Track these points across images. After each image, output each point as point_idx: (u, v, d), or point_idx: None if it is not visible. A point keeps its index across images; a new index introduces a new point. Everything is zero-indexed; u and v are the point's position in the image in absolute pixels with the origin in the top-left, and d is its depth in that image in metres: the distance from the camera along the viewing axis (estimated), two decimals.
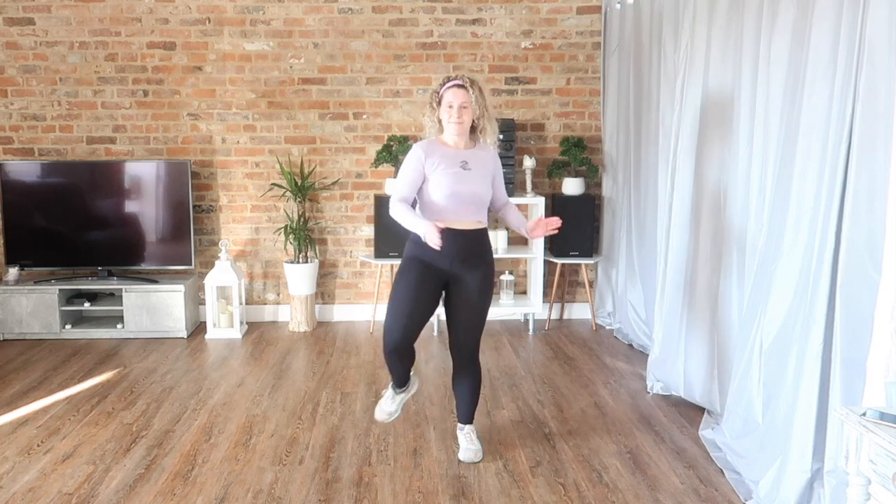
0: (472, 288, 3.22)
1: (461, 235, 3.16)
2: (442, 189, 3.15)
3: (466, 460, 3.32)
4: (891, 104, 2.39)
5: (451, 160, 3.19)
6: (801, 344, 2.80)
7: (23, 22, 5.34)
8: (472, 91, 3.15)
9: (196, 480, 3.15)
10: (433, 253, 3.08)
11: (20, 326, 5.18)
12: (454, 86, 3.17)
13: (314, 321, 5.56)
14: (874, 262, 2.45)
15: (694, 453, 3.41)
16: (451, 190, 3.15)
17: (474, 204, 3.21)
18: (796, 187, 2.85)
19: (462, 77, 3.19)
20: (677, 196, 3.91)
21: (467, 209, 3.19)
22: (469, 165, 3.20)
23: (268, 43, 5.45)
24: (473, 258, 3.21)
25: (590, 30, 5.58)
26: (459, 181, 3.16)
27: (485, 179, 3.24)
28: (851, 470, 2.13)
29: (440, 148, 3.22)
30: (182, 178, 5.29)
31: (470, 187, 3.18)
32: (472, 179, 3.19)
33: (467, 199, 3.18)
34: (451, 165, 3.17)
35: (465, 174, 3.18)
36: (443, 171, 3.16)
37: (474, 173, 3.21)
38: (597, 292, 5.80)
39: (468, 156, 3.23)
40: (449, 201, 3.16)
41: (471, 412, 3.41)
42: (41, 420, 3.79)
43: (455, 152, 3.22)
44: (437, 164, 3.16)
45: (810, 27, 2.79)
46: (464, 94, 3.15)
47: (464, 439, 3.40)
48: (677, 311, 3.95)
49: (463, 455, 3.34)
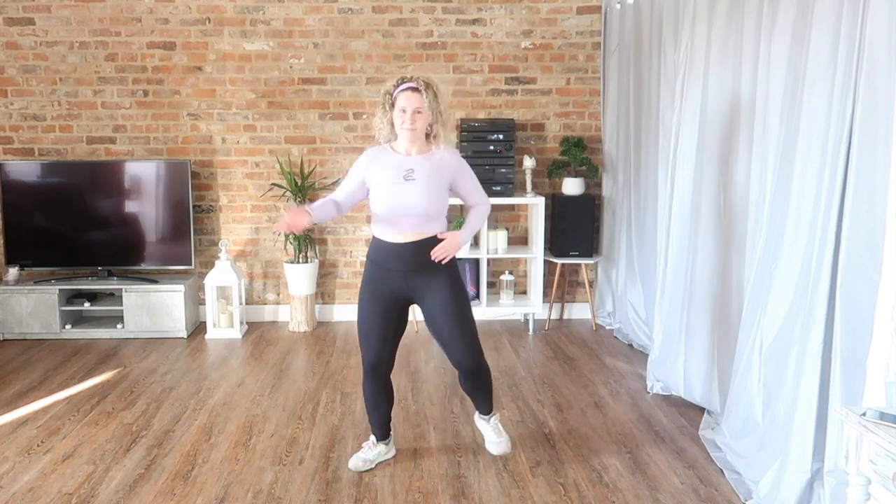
0: (441, 297, 3.06)
1: (404, 248, 3.03)
2: (380, 203, 3.03)
3: (498, 453, 3.25)
4: (891, 104, 2.39)
5: (396, 170, 3.02)
6: (801, 344, 2.80)
7: (23, 22, 5.34)
8: (426, 95, 2.96)
9: (196, 480, 3.15)
10: (382, 272, 3.07)
11: (20, 326, 5.18)
12: (408, 88, 2.97)
13: (314, 321, 5.56)
14: (874, 262, 2.45)
15: (694, 453, 3.41)
16: (390, 204, 3.00)
17: (416, 217, 3.01)
18: (796, 187, 2.85)
19: (416, 79, 2.99)
20: (677, 196, 3.91)
21: (408, 222, 3.01)
22: (414, 175, 3.00)
23: (268, 43, 5.45)
24: (426, 269, 3.05)
25: (590, 30, 5.58)
26: (399, 194, 2.99)
27: (432, 190, 3.01)
28: (851, 470, 2.13)
29: (388, 156, 3.07)
30: (182, 178, 5.29)
31: (411, 199, 2.99)
32: (414, 191, 2.99)
33: (407, 212, 3.00)
34: (393, 176, 3.01)
35: (406, 186, 2.99)
36: (383, 184, 3.02)
37: (419, 184, 3.00)
38: (597, 292, 5.80)
39: (417, 163, 3.03)
40: (388, 215, 3.02)
41: (489, 402, 3.28)
42: (41, 420, 3.79)
43: (402, 160, 3.04)
44: (379, 175, 3.03)
45: (810, 27, 2.79)
46: (418, 99, 2.95)
47: (490, 431, 3.28)
48: (677, 311, 3.95)
49: (494, 449, 3.25)
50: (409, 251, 3.04)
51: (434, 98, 2.98)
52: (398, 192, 3.00)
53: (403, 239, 3.03)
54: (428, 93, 2.97)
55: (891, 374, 2.36)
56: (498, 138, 5.23)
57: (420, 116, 2.98)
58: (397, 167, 3.03)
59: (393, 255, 3.05)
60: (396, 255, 3.04)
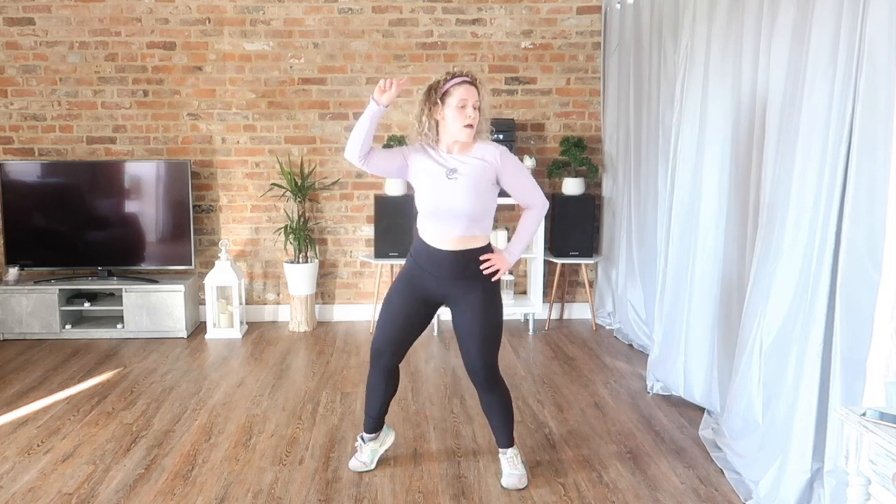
0: (472, 308, 2.93)
1: (444, 257, 2.90)
2: (423, 201, 2.90)
3: (510, 487, 3.06)
4: (891, 104, 2.39)
5: (438, 168, 2.88)
6: (801, 344, 2.80)
7: (23, 22, 5.34)
8: (481, 90, 2.86)
9: (196, 480, 3.15)
10: (422, 272, 2.98)
11: (20, 326, 5.18)
12: (465, 82, 2.83)
13: (314, 321, 5.56)
14: (874, 262, 2.45)
15: (694, 453, 3.41)
16: (433, 205, 2.87)
17: (460, 219, 2.85)
18: (796, 187, 2.85)
19: (468, 73, 2.87)
20: (677, 196, 3.91)
21: (452, 224, 2.86)
22: (458, 174, 2.85)
23: (268, 43, 5.45)
24: (463, 279, 2.93)
25: (590, 30, 5.58)
26: (441, 195, 2.85)
27: (478, 190, 2.85)
28: (851, 470, 2.13)
29: (430, 152, 2.92)
30: (182, 178, 5.29)
31: (455, 201, 2.83)
32: (457, 192, 2.83)
33: (450, 213, 2.85)
34: (435, 175, 2.87)
35: (449, 186, 2.84)
36: (426, 181, 2.88)
37: (462, 183, 2.84)
38: (597, 292, 5.80)
39: (459, 162, 2.87)
40: (431, 216, 2.89)
41: (509, 434, 3.12)
42: (41, 420, 3.79)
43: (444, 158, 2.89)
44: (423, 169, 2.89)
45: (810, 27, 2.79)
46: (475, 93, 2.84)
47: (506, 464, 3.12)
48: (677, 311, 3.95)
49: (506, 482, 3.08)
50: (448, 260, 2.90)
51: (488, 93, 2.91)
52: (441, 191, 2.85)
53: (445, 245, 2.89)
54: (482, 88, 2.87)
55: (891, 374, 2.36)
56: (498, 138, 5.23)
57: (476, 113, 2.85)
58: (439, 165, 2.89)
59: (433, 261, 2.93)
60: (436, 262, 2.92)
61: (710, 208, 3.69)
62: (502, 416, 3.11)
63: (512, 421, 3.15)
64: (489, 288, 2.97)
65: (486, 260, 2.94)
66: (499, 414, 3.11)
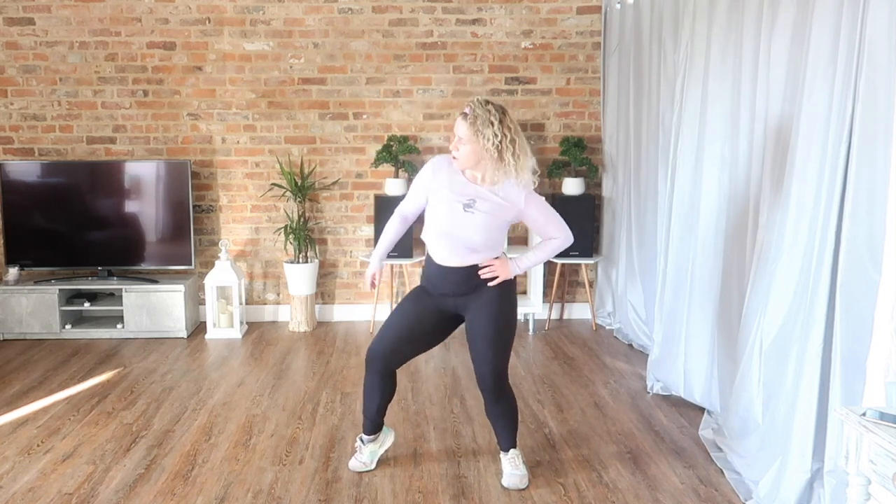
0: (485, 315, 2.94)
1: (450, 271, 2.93)
2: (435, 222, 2.90)
3: (511, 487, 3.06)
4: (891, 104, 2.39)
5: (458, 195, 2.84)
6: (801, 344, 2.80)
7: (23, 22, 5.34)
8: (471, 127, 2.74)
9: (196, 480, 3.15)
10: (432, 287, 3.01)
11: (20, 326, 5.18)
12: (462, 114, 2.80)
13: (314, 321, 5.56)
14: (874, 262, 2.45)
15: (694, 453, 3.41)
16: (444, 230, 2.87)
17: (467, 248, 2.87)
18: (796, 187, 2.85)
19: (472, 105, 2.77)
20: (677, 196, 3.91)
21: (456, 253, 2.89)
22: (475, 207, 2.82)
23: (268, 43, 5.45)
24: (471, 291, 2.95)
25: (590, 30, 5.58)
26: (455, 223, 2.84)
27: (490, 227, 2.85)
28: (851, 470, 2.13)
29: (454, 175, 2.88)
30: (182, 178, 5.29)
31: (466, 232, 2.84)
32: (471, 225, 2.83)
33: (460, 242, 2.86)
34: (453, 202, 2.84)
35: (464, 217, 2.83)
36: (442, 206, 2.86)
37: (477, 218, 2.82)
38: (597, 292, 5.80)
39: (480, 195, 2.84)
40: (438, 240, 2.90)
41: (512, 437, 3.13)
42: (41, 420, 3.79)
43: (466, 186, 2.85)
44: (440, 193, 2.86)
45: (810, 27, 2.79)
46: (464, 128, 2.77)
47: (508, 464, 3.12)
48: (677, 311, 3.95)
49: (507, 482, 3.08)
50: (456, 274, 2.93)
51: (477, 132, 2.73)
52: (456, 220, 2.84)
53: (456, 263, 2.92)
54: (474, 126, 2.74)
55: (891, 374, 2.36)
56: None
57: (465, 147, 2.78)
58: (460, 192, 2.86)
59: (441, 278, 2.95)
60: (444, 278, 2.94)
61: (710, 208, 3.69)
62: (506, 424, 3.13)
63: (516, 424, 3.16)
64: (503, 296, 2.98)
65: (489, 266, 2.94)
66: (502, 421, 3.12)
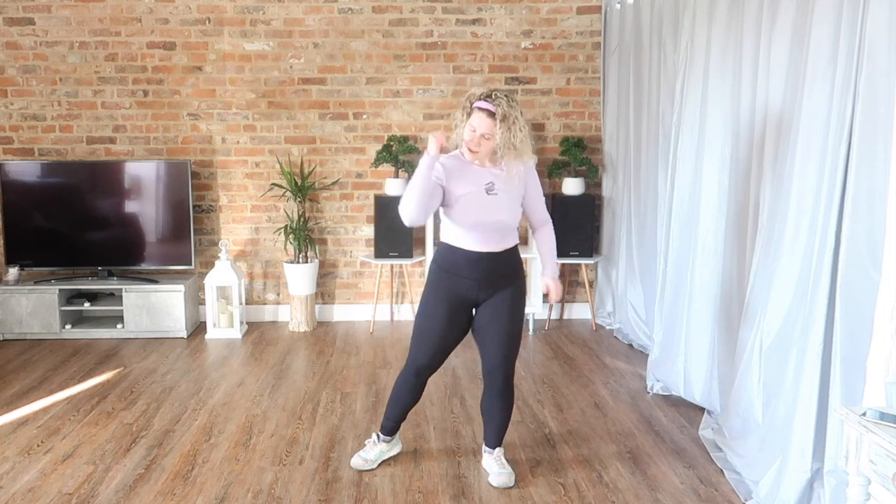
0: (501, 307, 3.01)
1: (480, 258, 2.97)
2: (465, 216, 2.94)
3: (500, 485, 3.08)
4: (891, 104, 2.39)
5: (477, 184, 2.94)
6: (801, 344, 2.80)
7: (23, 22, 5.34)
8: (500, 126, 2.84)
9: (196, 480, 3.15)
10: (458, 278, 2.99)
11: (20, 326, 5.18)
12: (485, 110, 2.85)
13: (314, 321, 5.56)
14: (874, 262, 2.45)
15: (694, 453, 3.41)
16: (475, 218, 2.93)
17: (499, 232, 2.98)
18: (796, 187, 2.85)
19: (497, 101, 2.85)
20: (677, 196, 3.91)
21: (492, 236, 2.97)
22: (496, 188, 2.95)
23: (268, 43, 5.45)
24: (500, 280, 3.01)
25: (590, 30, 5.58)
26: (485, 209, 2.93)
27: (512, 203, 2.99)
28: (851, 470, 2.14)
29: (464, 167, 2.96)
30: (182, 178, 5.29)
31: (495, 216, 2.94)
32: (498, 206, 2.95)
33: (491, 227, 2.95)
34: (476, 190, 2.93)
35: (490, 200, 2.94)
36: (469, 197, 2.92)
37: (501, 198, 2.95)
38: (597, 292, 5.80)
39: (494, 176, 2.96)
40: (472, 228, 2.95)
41: (501, 436, 3.19)
42: (41, 420, 3.79)
43: (480, 173, 2.96)
44: (461, 188, 2.92)
45: (810, 27, 2.79)
46: (490, 126, 2.85)
47: (494, 464, 3.15)
48: (677, 311, 3.95)
49: (496, 480, 3.10)
50: (486, 260, 2.97)
51: (507, 130, 2.85)
52: (484, 206, 2.93)
53: (487, 248, 2.96)
54: (503, 125, 2.84)
55: (891, 374, 2.36)
56: None
57: (487, 143, 2.89)
58: (477, 180, 2.95)
59: (469, 264, 2.97)
60: (473, 264, 2.97)
61: (710, 208, 3.69)
62: (502, 420, 3.16)
63: (508, 423, 3.20)
64: (518, 291, 3.08)
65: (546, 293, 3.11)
66: (499, 418, 3.15)
